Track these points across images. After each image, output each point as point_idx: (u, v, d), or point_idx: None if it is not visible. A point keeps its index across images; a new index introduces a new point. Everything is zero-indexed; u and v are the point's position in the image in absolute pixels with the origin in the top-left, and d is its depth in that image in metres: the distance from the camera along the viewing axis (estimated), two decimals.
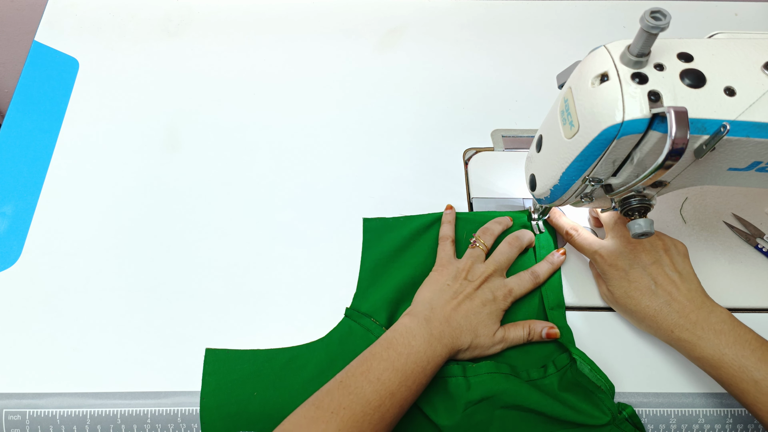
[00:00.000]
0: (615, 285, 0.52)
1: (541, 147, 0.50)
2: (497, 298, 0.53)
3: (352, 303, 0.57)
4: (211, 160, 0.65)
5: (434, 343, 0.49)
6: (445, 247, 0.58)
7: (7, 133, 0.67)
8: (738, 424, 0.52)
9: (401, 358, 0.47)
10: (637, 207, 0.47)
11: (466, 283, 0.54)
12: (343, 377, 0.47)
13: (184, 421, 0.51)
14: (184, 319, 0.56)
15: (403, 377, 0.46)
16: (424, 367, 0.48)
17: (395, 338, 0.49)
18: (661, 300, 0.50)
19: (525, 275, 0.56)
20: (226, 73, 0.72)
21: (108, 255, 0.59)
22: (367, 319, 0.55)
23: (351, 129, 0.68)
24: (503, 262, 0.56)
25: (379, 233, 0.61)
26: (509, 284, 0.55)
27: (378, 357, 0.47)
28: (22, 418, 0.50)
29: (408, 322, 0.50)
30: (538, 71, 0.72)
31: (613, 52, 0.41)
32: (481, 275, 0.54)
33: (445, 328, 0.50)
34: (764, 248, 0.59)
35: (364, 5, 0.78)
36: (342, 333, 0.55)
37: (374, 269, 0.58)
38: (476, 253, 0.57)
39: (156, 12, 0.77)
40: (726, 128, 0.39)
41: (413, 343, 0.48)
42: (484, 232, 0.58)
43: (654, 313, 0.50)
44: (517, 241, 0.58)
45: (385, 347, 0.48)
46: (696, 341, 0.47)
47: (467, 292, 0.53)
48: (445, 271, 0.55)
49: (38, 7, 0.94)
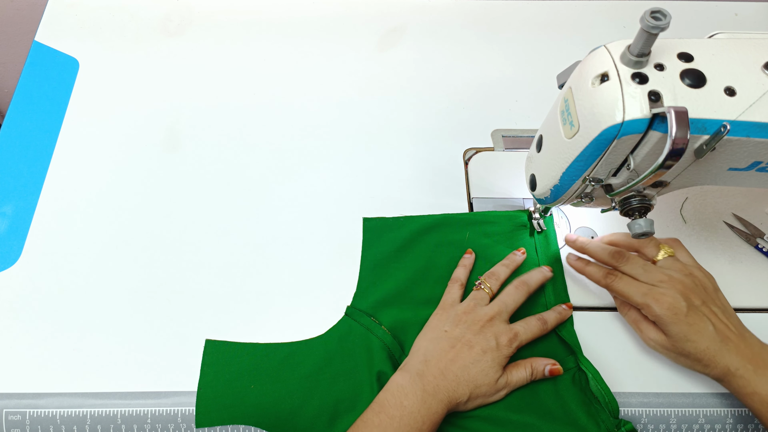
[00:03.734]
0: (675, 330, 0.49)
1: (541, 147, 0.50)
2: (500, 345, 0.50)
3: (353, 302, 0.57)
4: (211, 160, 0.65)
5: (429, 400, 0.46)
6: (451, 290, 0.55)
7: (7, 133, 0.67)
8: (738, 424, 0.52)
9: (394, 422, 0.45)
10: (637, 207, 0.47)
11: (466, 329, 0.51)
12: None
13: (184, 421, 0.51)
14: (184, 319, 0.56)
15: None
16: (420, 427, 0.45)
17: (387, 399, 0.46)
18: (718, 340, 0.48)
19: (532, 320, 0.53)
20: (226, 73, 0.72)
21: (108, 255, 0.59)
22: (367, 318, 0.55)
23: (351, 129, 0.68)
24: (510, 305, 0.53)
25: (379, 233, 0.60)
26: (515, 328, 0.51)
27: (369, 424, 0.45)
28: (22, 418, 0.50)
29: (400, 379, 0.48)
30: (538, 71, 0.72)
31: (613, 52, 0.41)
32: (483, 317, 0.51)
33: (441, 381, 0.47)
34: (764, 248, 0.59)
35: (364, 5, 0.78)
36: (341, 331, 0.55)
37: (374, 269, 0.58)
38: (480, 295, 0.53)
39: (156, 12, 0.77)
40: (726, 128, 0.39)
41: (405, 403, 0.46)
42: (490, 276, 0.55)
43: (713, 354, 0.48)
44: (524, 285, 0.54)
45: (376, 412, 0.46)
46: (750, 377, 0.47)
47: (466, 339, 0.50)
48: (444, 315, 0.53)
49: (38, 7, 0.94)
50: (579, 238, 0.57)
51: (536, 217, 0.60)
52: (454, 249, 0.59)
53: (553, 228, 0.60)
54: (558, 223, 0.61)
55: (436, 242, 0.59)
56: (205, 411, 0.51)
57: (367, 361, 0.52)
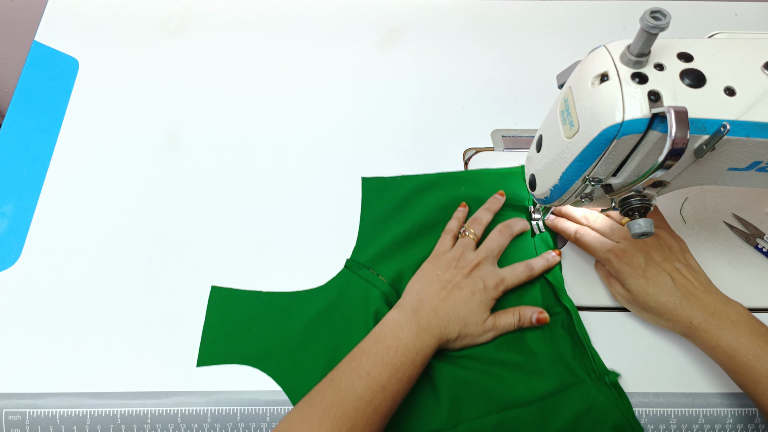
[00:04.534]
0: (633, 283, 0.52)
1: (541, 147, 0.50)
2: (488, 287, 0.53)
3: (352, 255, 0.59)
4: (210, 160, 0.65)
5: (422, 334, 0.49)
6: (444, 240, 0.58)
7: (7, 133, 0.67)
8: (738, 424, 0.52)
9: (390, 351, 0.47)
10: (637, 207, 0.47)
11: (456, 272, 0.54)
12: (333, 375, 0.47)
13: (184, 421, 0.51)
14: (184, 318, 0.56)
15: (393, 370, 0.46)
16: (414, 358, 0.48)
17: (383, 332, 0.49)
18: (679, 294, 0.50)
19: (519, 266, 0.56)
20: (226, 73, 0.72)
21: (108, 255, 0.59)
22: (366, 271, 0.57)
23: (351, 129, 0.68)
24: (494, 249, 0.56)
25: (377, 192, 0.63)
26: (501, 273, 0.55)
27: (367, 352, 0.48)
28: (22, 418, 0.50)
29: (396, 315, 0.51)
30: (538, 71, 0.72)
31: (613, 52, 0.41)
32: (471, 262, 0.54)
33: (433, 318, 0.51)
34: (764, 248, 0.59)
35: (364, 5, 0.79)
36: (341, 282, 0.57)
37: (373, 225, 0.61)
38: (466, 242, 0.57)
39: (156, 12, 0.77)
40: (726, 128, 0.39)
41: (401, 335, 0.49)
42: (473, 221, 0.59)
43: (673, 307, 0.50)
44: (507, 228, 0.58)
45: (373, 342, 0.48)
46: (714, 330, 0.48)
47: (456, 281, 0.53)
48: (436, 262, 0.56)
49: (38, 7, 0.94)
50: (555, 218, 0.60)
51: (536, 217, 0.60)
52: (449, 205, 0.61)
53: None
54: None
55: (433, 199, 0.61)
56: (208, 351, 0.53)
57: (364, 310, 0.54)
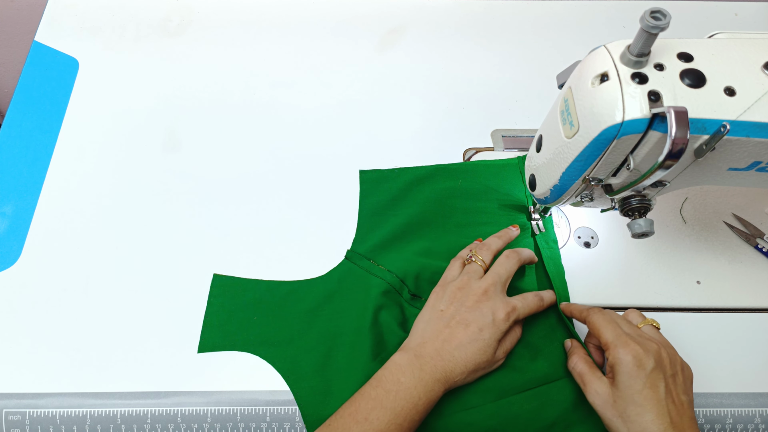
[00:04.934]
0: (627, 383, 0.44)
1: (541, 147, 0.50)
2: (497, 320, 0.49)
3: (352, 246, 0.60)
4: (210, 160, 0.65)
5: (426, 378, 0.46)
6: (452, 267, 0.55)
7: (7, 133, 0.67)
8: (738, 424, 0.52)
9: (389, 395, 0.45)
10: (637, 207, 0.47)
11: (459, 306, 0.50)
12: (331, 420, 0.45)
13: (184, 421, 0.51)
14: (184, 318, 0.56)
15: (393, 415, 0.44)
16: (416, 403, 0.45)
17: (384, 376, 0.47)
18: (666, 422, 0.43)
19: (530, 296, 0.52)
20: (226, 73, 0.72)
21: (108, 255, 0.59)
22: (366, 261, 0.58)
23: (351, 129, 0.68)
24: (503, 275, 0.52)
25: (375, 184, 0.63)
26: (512, 302, 0.51)
27: (366, 396, 0.46)
28: (22, 418, 0.50)
29: (398, 359, 0.48)
30: (538, 71, 0.72)
31: (613, 52, 0.41)
32: (476, 291, 0.51)
33: (438, 362, 0.47)
34: (764, 248, 0.59)
35: (364, 5, 0.79)
36: (341, 272, 0.58)
37: (372, 216, 0.61)
38: (473, 268, 0.53)
39: (156, 12, 0.77)
40: (726, 128, 0.39)
41: (402, 379, 0.46)
42: (482, 247, 0.55)
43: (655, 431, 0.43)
44: (515, 254, 0.54)
45: (374, 386, 0.46)
46: None
47: (461, 317, 0.49)
48: (441, 292, 0.52)
49: (38, 7, 0.94)
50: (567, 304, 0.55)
51: (536, 218, 0.60)
52: (446, 196, 0.62)
53: (553, 229, 0.60)
54: (558, 223, 0.61)
55: (430, 190, 0.62)
56: (209, 337, 0.54)
57: (364, 300, 0.55)
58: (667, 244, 0.59)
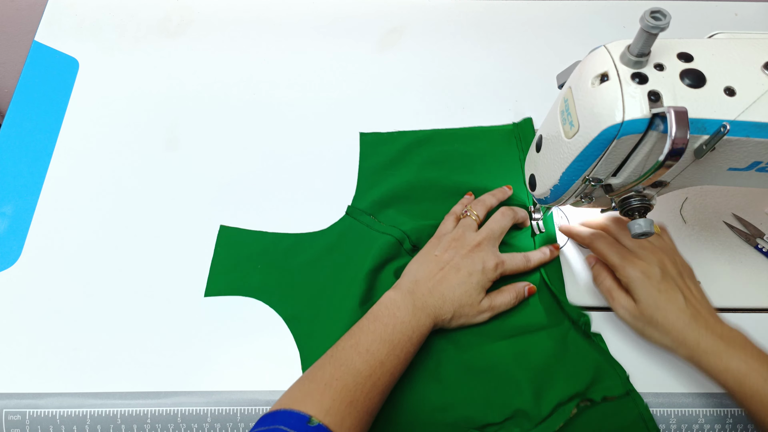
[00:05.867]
0: (644, 294, 0.50)
1: (541, 147, 0.50)
2: (486, 268, 0.53)
3: (352, 203, 0.62)
4: (210, 160, 0.65)
5: (418, 314, 0.50)
6: (447, 222, 0.58)
7: (7, 133, 0.67)
8: (738, 424, 0.52)
9: (387, 329, 0.48)
10: (637, 207, 0.47)
11: (454, 252, 0.54)
12: (333, 352, 0.48)
13: (184, 421, 0.51)
14: (184, 318, 0.56)
15: (391, 347, 0.48)
16: (410, 336, 0.49)
17: (381, 311, 0.50)
18: (689, 313, 0.49)
19: (518, 255, 0.56)
20: (226, 73, 0.72)
21: (108, 255, 0.59)
22: (366, 216, 0.60)
23: (351, 129, 0.68)
24: (496, 231, 0.56)
25: (375, 146, 0.66)
26: (501, 256, 0.55)
27: (365, 330, 0.49)
28: (22, 418, 0.50)
29: (393, 295, 0.51)
30: (537, 71, 0.72)
31: (613, 52, 0.41)
32: (471, 242, 0.54)
33: (428, 299, 0.51)
34: (764, 248, 0.59)
35: (364, 5, 0.78)
36: (342, 227, 0.60)
37: (371, 176, 0.64)
38: (468, 222, 0.57)
39: (156, 12, 0.77)
40: (726, 128, 0.39)
41: (398, 314, 0.49)
42: (477, 203, 0.59)
43: (682, 326, 0.49)
44: (510, 211, 0.58)
45: (371, 320, 0.49)
46: (723, 352, 0.47)
47: (454, 262, 0.53)
48: (437, 242, 0.56)
49: (38, 7, 0.94)
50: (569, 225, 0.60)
51: (536, 217, 0.60)
52: (443, 159, 0.64)
53: (553, 229, 0.60)
54: (558, 223, 0.61)
55: (428, 153, 0.64)
56: (216, 283, 0.57)
57: (364, 253, 0.57)
58: None
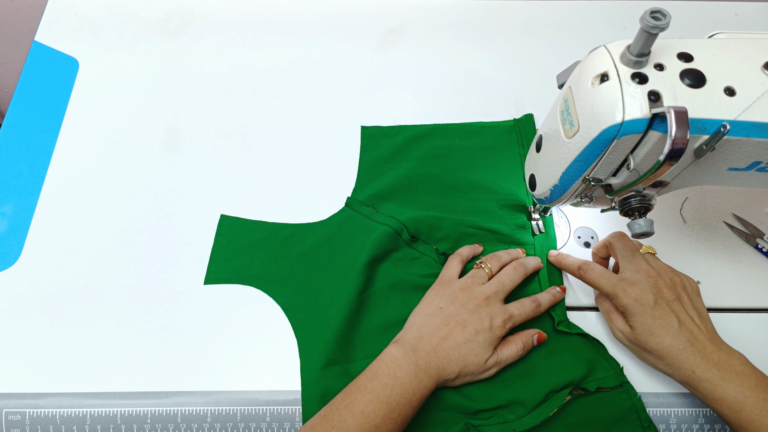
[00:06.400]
0: (638, 321, 0.49)
1: (541, 147, 0.50)
2: (494, 326, 0.50)
3: (352, 194, 0.63)
4: (211, 160, 0.65)
5: (420, 374, 0.47)
6: (451, 265, 0.56)
7: (7, 133, 0.67)
8: None
9: (386, 389, 0.46)
10: (637, 207, 0.47)
11: (460, 307, 0.51)
12: (326, 411, 0.45)
13: (184, 421, 0.51)
14: (184, 318, 0.56)
15: (389, 409, 0.45)
16: (410, 399, 0.46)
17: (380, 369, 0.47)
18: (684, 339, 0.47)
19: (527, 302, 0.53)
20: (226, 73, 0.72)
21: (108, 255, 0.59)
22: (366, 208, 0.61)
23: (351, 129, 0.68)
24: (507, 285, 0.53)
25: (375, 139, 0.66)
26: (510, 309, 0.52)
27: (362, 389, 0.46)
28: (22, 418, 0.50)
29: (394, 351, 0.49)
30: (538, 71, 0.72)
31: (613, 52, 0.41)
32: (479, 296, 0.51)
33: (432, 358, 0.48)
34: (764, 248, 0.59)
35: (364, 5, 0.78)
36: (341, 218, 0.61)
37: (372, 168, 0.64)
38: (479, 274, 0.54)
39: (156, 12, 0.77)
40: (726, 128, 0.39)
41: (398, 374, 0.47)
42: (492, 257, 0.56)
43: (677, 353, 0.47)
44: (522, 266, 0.55)
45: (370, 378, 0.47)
46: (718, 381, 0.45)
47: (460, 318, 0.50)
48: (441, 290, 0.53)
49: (38, 7, 0.94)
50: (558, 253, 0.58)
51: (536, 218, 0.60)
52: (443, 154, 0.65)
53: (553, 229, 0.60)
54: (558, 223, 0.61)
55: (428, 147, 0.65)
56: (215, 271, 0.58)
57: (362, 243, 0.58)
58: (667, 244, 0.59)
